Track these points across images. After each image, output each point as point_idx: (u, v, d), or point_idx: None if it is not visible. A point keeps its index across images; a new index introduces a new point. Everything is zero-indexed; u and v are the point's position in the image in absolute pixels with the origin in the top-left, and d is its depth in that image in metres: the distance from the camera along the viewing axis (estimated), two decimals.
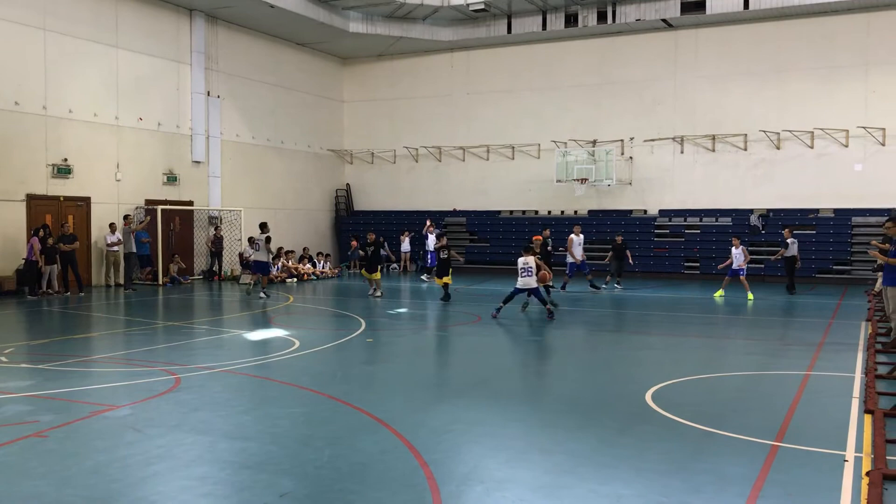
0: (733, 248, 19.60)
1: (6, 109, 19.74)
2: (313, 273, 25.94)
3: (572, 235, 21.44)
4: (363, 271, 20.03)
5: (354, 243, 29.65)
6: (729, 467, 6.04)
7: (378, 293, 19.40)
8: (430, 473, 5.86)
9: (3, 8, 19.68)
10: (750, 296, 19.09)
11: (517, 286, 15.36)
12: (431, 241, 25.10)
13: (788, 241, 20.72)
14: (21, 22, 20.07)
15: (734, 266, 19.46)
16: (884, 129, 24.04)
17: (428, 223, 27.24)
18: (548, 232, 21.15)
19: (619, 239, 22.48)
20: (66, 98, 21.19)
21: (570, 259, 21.40)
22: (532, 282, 15.22)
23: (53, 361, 10.39)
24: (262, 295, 19.09)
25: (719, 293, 19.97)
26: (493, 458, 6.34)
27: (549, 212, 28.82)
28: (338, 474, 5.87)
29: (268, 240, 19.25)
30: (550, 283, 16.66)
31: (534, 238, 18.63)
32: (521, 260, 15.36)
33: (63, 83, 21.11)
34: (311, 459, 6.22)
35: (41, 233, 18.97)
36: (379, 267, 19.86)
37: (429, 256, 25.63)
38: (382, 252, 29.07)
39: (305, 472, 5.92)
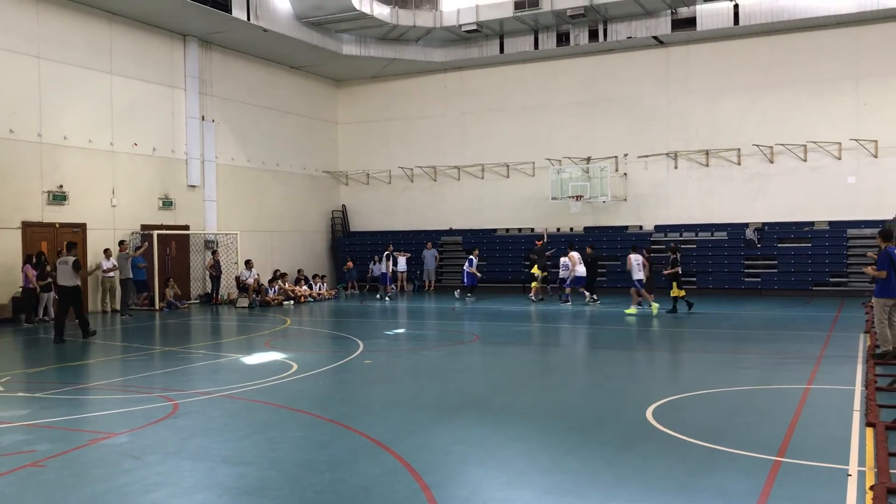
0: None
1: (1, 137, 19.77)
2: (310, 295, 25.88)
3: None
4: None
5: (350, 264, 29.68)
6: (731, 483, 6.01)
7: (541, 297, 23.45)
8: (432, 496, 5.82)
9: None
10: (632, 310, 19.54)
11: None
12: (471, 261, 24.74)
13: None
14: (15, 50, 20.14)
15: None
16: (876, 142, 24.17)
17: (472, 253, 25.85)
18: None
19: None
20: (61, 125, 21.23)
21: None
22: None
23: (50, 390, 10.34)
24: (386, 299, 25.30)
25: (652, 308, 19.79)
26: (495, 479, 6.30)
27: (546, 229, 28.85)
28: (339, 498, 5.82)
29: (387, 257, 25.89)
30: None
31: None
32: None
33: (57, 110, 21.15)
34: (312, 484, 6.17)
35: (33, 260, 18.94)
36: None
37: (465, 276, 24.72)
38: (381, 271, 29.08)
39: (306, 497, 5.87)
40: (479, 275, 25.26)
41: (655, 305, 19.80)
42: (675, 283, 19.45)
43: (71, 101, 21.53)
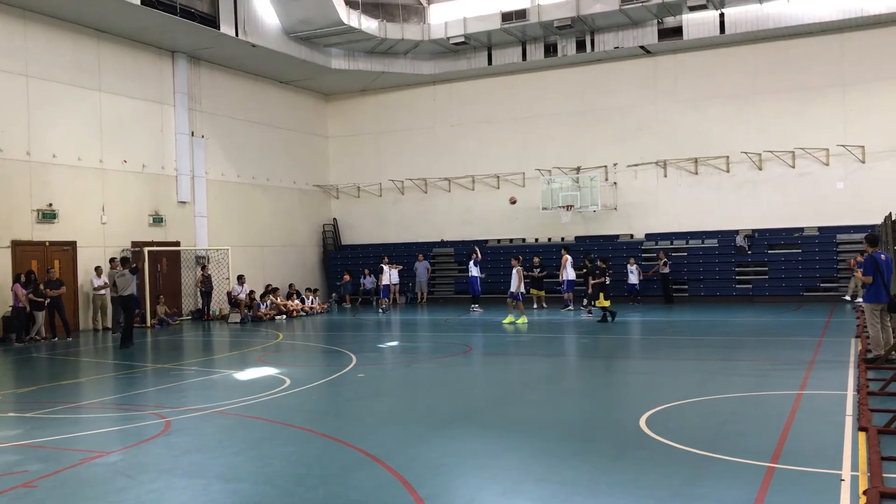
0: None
1: None
2: (302, 309, 25.81)
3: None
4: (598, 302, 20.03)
5: (347, 277, 29.70)
6: (726, 491, 6.01)
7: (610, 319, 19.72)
8: None
9: None
10: (510, 319, 20.08)
11: None
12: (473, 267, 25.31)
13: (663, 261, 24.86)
14: (2, 68, 20.10)
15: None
16: (863, 147, 24.33)
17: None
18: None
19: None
20: (50, 143, 21.18)
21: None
22: None
23: (42, 409, 10.26)
24: (380, 311, 25.10)
25: (519, 320, 19.97)
26: (489, 491, 6.29)
27: (537, 239, 28.90)
28: None
29: (380, 269, 26.35)
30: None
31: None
32: None
33: (46, 128, 21.11)
34: (306, 499, 6.15)
35: (22, 279, 18.83)
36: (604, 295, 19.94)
37: (475, 282, 25.32)
38: (373, 284, 29.12)
39: None
40: (483, 275, 25.65)
41: (523, 319, 20.09)
42: (601, 294, 19.59)
43: (59, 118, 21.49)
